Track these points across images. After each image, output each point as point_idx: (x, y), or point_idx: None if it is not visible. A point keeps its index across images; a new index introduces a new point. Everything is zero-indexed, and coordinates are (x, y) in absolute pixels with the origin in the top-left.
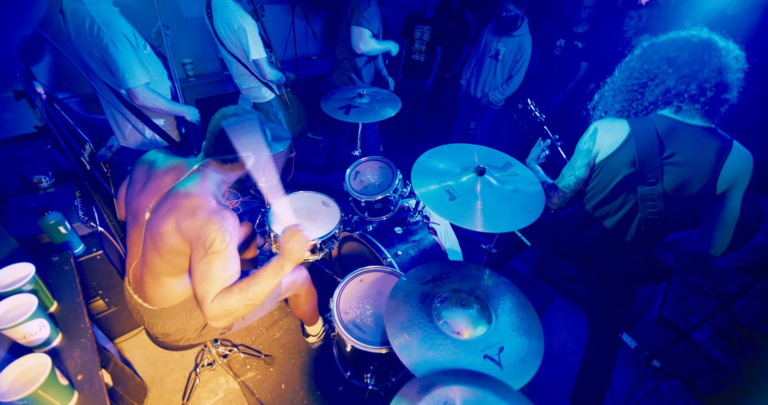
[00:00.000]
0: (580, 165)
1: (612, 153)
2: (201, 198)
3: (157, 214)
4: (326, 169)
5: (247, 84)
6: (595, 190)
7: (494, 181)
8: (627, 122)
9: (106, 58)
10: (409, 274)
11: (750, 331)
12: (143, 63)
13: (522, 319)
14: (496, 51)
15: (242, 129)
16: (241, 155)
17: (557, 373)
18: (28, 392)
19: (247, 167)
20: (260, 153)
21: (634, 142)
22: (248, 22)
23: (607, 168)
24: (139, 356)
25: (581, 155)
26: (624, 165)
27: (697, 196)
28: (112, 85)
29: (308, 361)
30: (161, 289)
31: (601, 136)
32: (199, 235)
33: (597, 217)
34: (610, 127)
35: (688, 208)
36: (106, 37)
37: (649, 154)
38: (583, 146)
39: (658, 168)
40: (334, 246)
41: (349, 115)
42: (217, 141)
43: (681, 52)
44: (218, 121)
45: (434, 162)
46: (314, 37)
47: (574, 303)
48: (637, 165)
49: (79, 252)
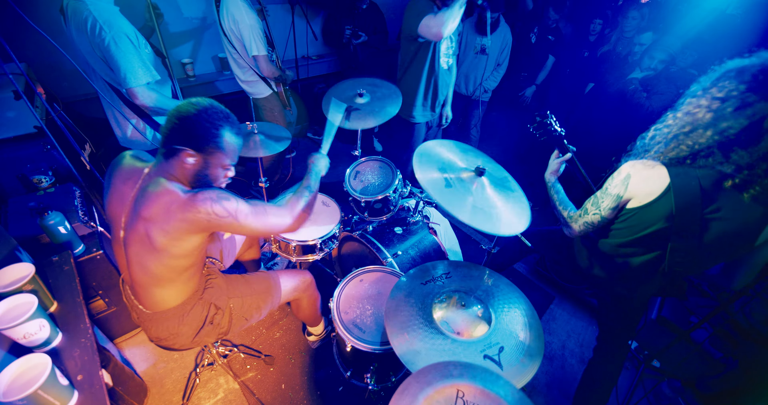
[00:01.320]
0: (607, 207)
1: (647, 204)
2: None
3: (134, 230)
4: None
5: (246, 76)
6: (622, 233)
7: (489, 187)
8: (667, 171)
9: (107, 57)
10: (409, 274)
11: (750, 331)
12: (145, 62)
13: (522, 319)
14: (482, 46)
15: (178, 119)
16: (178, 148)
17: (557, 373)
18: (28, 392)
19: (186, 163)
20: (210, 153)
21: (674, 197)
22: (253, 18)
23: (640, 216)
24: (139, 356)
25: (609, 198)
26: (660, 219)
27: (733, 250)
28: (114, 84)
29: (308, 361)
30: (152, 295)
31: (635, 183)
32: (210, 218)
33: (619, 255)
34: (646, 175)
35: (719, 258)
36: (108, 37)
37: (689, 211)
38: (613, 191)
39: (698, 222)
40: (334, 246)
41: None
42: (164, 137)
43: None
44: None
45: (440, 150)
46: (314, 37)
47: (574, 303)
48: (675, 220)
49: (79, 252)
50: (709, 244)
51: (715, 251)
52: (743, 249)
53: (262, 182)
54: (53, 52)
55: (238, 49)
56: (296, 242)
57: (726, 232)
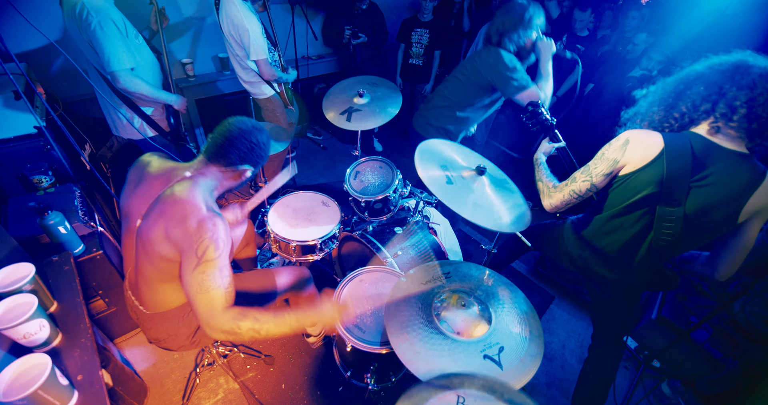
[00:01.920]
0: (600, 173)
1: (640, 168)
2: (190, 204)
3: (147, 220)
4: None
5: (248, 77)
6: (613, 202)
7: (489, 187)
8: (662, 137)
9: (93, 41)
10: (409, 274)
11: (750, 331)
12: (129, 49)
13: (522, 319)
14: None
15: (252, 141)
16: (242, 167)
17: (557, 373)
18: (28, 392)
19: (242, 179)
20: (258, 168)
21: (666, 161)
22: (252, 22)
23: (631, 182)
24: (139, 356)
25: (604, 163)
26: (649, 183)
27: (717, 223)
28: (101, 70)
29: (308, 361)
30: (154, 294)
31: (633, 148)
32: (191, 243)
33: (608, 230)
34: (643, 139)
35: (704, 233)
36: (95, 22)
37: (678, 175)
38: (610, 155)
39: (684, 190)
40: (334, 246)
41: (351, 121)
42: (224, 147)
43: (713, 70)
44: (230, 128)
45: (444, 148)
46: (314, 37)
47: (574, 303)
48: (664, 185)
49: (79, 252)
50: (692, 217)
51: (699, 225)
52: (726, 223)
53: (262, 182)
54: (53, 52)
55: (239, 52)
56: (296, 242)
57: (710, 202)
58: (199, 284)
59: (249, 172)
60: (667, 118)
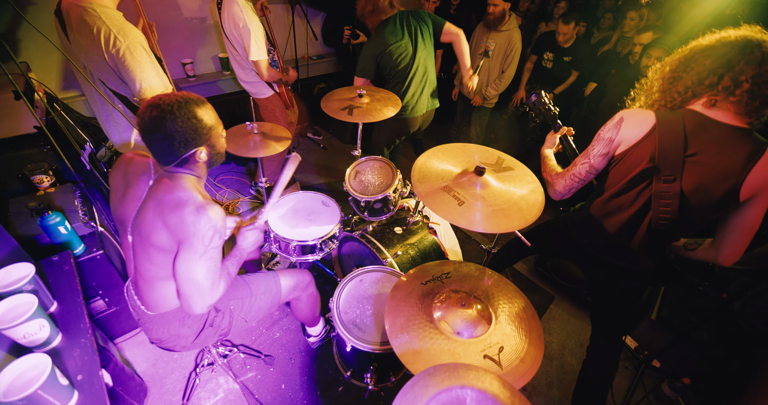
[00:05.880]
0: (597, 153)
1: (633, 145)
2: (184, 191)
3: (141, 213)
4: None
5: (248, 77)
6: (611, 182)
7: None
8: (654, 114)
9: (120, 67)
10: (409, 274)
11: (750, 331)
12: (158, 71)
13: (522, 319)
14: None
15: (175, 125)
16: (190, 153)
17: (557, 373)
18: (28, 392)
19: (206, 159)
20: (211, 139)
21: (658, 136)
22: (254, 22)
23: (626, 160)
24: (139, 356)
25: (600, 144)
26: (643, 159)
27: (718, 202)
28: (120, 92)
29: (308, 361)
30: (155, 294)
31: (626, 126)
32: (195, 230)
33: (608, 211)
34: (635, 117)
35: (705, 212)
36: (123, 46)
37: (670, 150)
38: (605, 134)
39: (679, 165)
40: (334, 246)
41: (353, 116)
42: (157, 152)
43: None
44: (143, 132)
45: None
46: (314, 37)
47: (574, 303)
48: (657, 160)
49: (79, 252)
50: (690, 194)
51: (699, 203)
52: (727, 201)
53: (262, 182)
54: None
55: (239, 51)
56: (296, 242)
57: (707, 179)
58: (206, 270)
59: (202, 153)
60: (670, 92)
